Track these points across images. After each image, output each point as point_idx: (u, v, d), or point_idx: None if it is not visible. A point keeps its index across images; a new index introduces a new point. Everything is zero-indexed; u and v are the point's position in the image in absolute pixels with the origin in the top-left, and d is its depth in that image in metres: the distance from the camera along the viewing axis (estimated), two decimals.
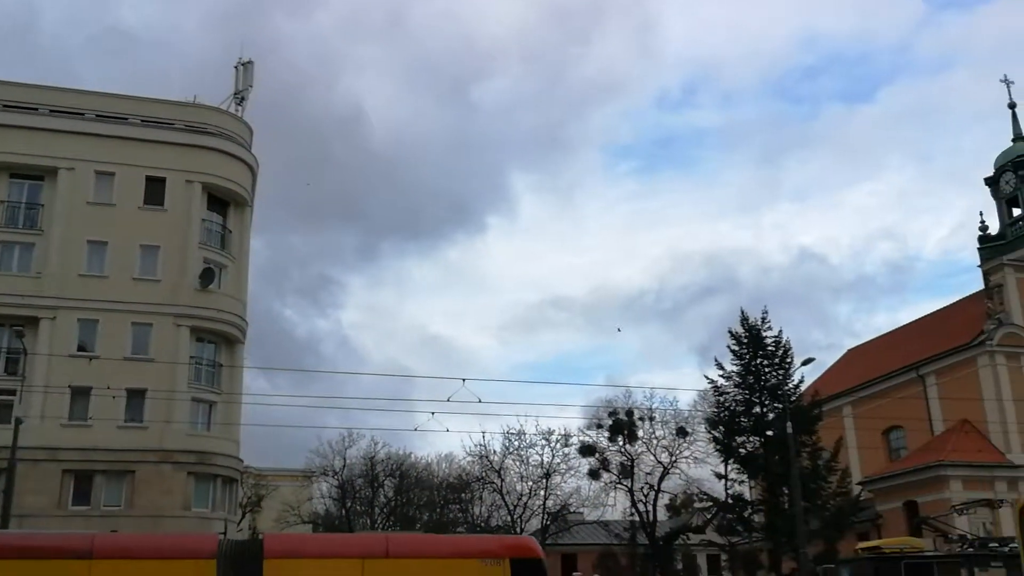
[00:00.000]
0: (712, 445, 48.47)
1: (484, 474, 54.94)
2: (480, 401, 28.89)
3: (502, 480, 53.87)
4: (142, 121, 43.58)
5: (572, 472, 53.31)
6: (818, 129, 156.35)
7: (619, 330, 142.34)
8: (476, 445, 54.01)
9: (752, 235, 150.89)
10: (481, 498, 57.48)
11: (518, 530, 50.93)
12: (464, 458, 56.78)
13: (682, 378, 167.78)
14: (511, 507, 53.56)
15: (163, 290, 41.19)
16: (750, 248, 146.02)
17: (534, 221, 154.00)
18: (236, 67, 46.96)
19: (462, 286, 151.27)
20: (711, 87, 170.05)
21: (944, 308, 59.84)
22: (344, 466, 55.82)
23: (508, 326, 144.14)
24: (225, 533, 32.90)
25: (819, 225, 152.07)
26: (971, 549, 23.66)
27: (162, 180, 42.67)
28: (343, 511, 56.26)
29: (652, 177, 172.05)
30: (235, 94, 46.38)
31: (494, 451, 54.23)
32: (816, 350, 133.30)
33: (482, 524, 54.98)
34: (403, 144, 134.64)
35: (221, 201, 44.66)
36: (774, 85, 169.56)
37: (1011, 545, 24.48)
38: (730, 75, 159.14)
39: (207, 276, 41.97)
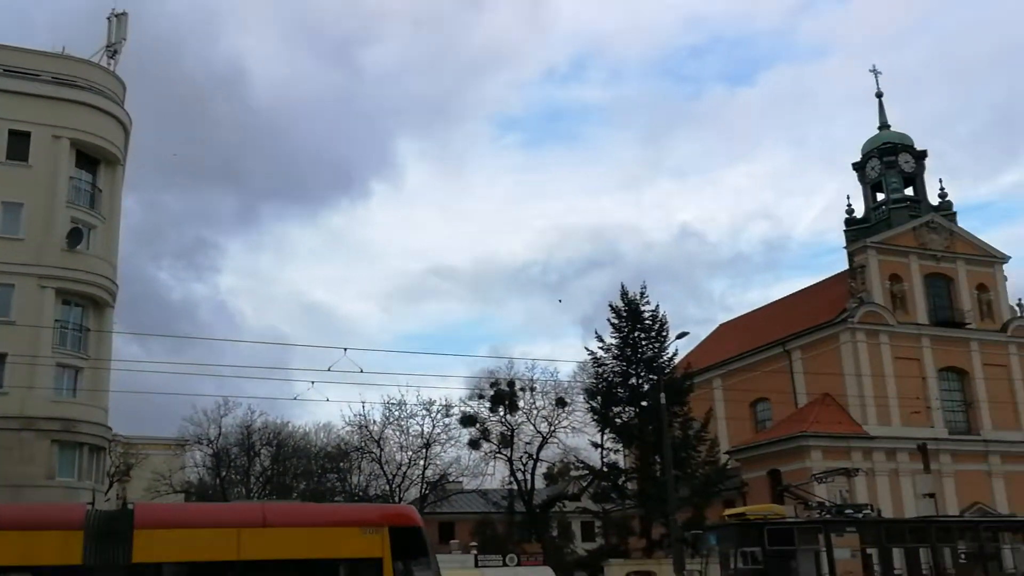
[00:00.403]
0: (590, 415, 49.69)
1: (363, 444, 54.70)
2: (361, 371, 28.71)
3: (381, 450, 53.79)
4: (4, 71, 40.97)
5: (452, 442, 53.70)
6: (701, 109, 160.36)
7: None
8: (356, 415, 53.72)
9: (635, 211, 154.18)
10: (360, 467, 57.23)
11: (396, 499, 50.99)
12: (343, 428, 56.42)
13: (565, 350, 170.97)
14: (390, 477, 53.55)
15: (27, 250, 39.08)
16: (633, 224, 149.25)
17: (419, 189, 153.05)
18: (109, 18, 44.62)
19: (345, 253, 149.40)
20: (599, 63, 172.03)
21: (811, 286, 62.75)
22: (219, 435, 54.63)
23: (391, 295, 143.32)
24: (93, 503, 31.73)
25: (699, 203, 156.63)
26: (828, 516, 24.99)
27: (27, 134, 40.34)
28: (217, 480, 55.07)
29: (539, 150, 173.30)
30: (107, 47, 44.13)
31: (374, 421, 54.08)
32: (692, 324, 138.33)
33: (360, 493, 54.78)
34: (286, 106, 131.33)
35: (91, 159, 42.58)
36: (660, 64, 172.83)
37: (865, 512, 26.09)
38: (618, 52, 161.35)
39: (75, 236, 40.07)
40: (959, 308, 54.01)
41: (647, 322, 48.36)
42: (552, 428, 51.60)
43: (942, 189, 58.41)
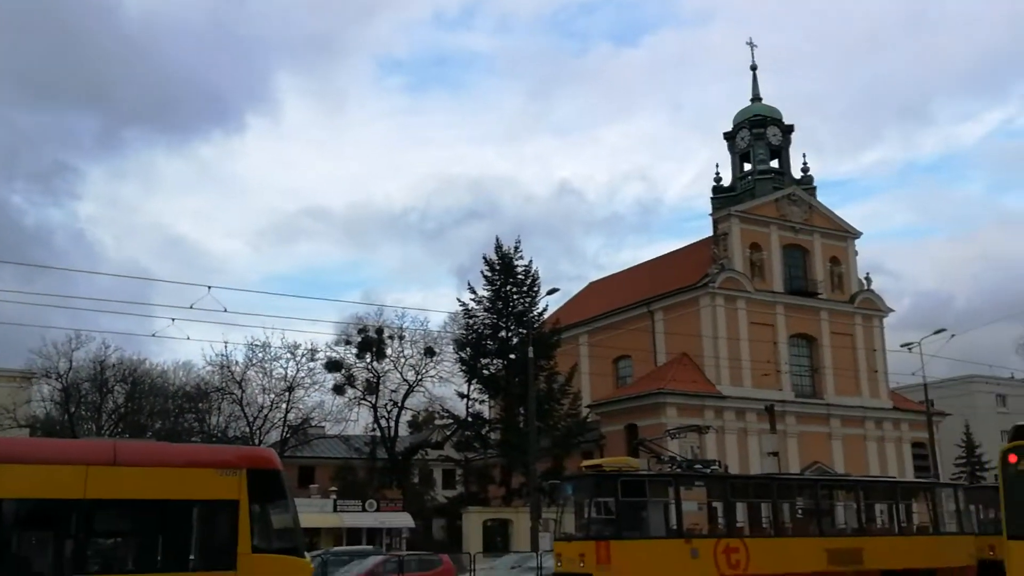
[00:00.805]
0: (458, 366, 50.06)
1: (224, 384, 53.42)
2: (226, 310, 27.87)
3: (243, 391, 52.66)
4: None
5: (316, 387, 53.03)
6: (586, 66, 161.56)
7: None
8: (218, 355, 52.42)
9: (516, 164, 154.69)
10: (219, 409, 55.89)
11: (256, 442, 50.16)
12: (204, 367, 54.94)
13: (439, 299, 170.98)
14: (250, 419, 52.55)
15: None
16: (513, 177, 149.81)
17: (297, 126, 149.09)
18: None
19: (214, 187, 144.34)
20: (488, 11, 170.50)
21: (677, 250, 64.67)
22: (70, 369, 52.20)
23: (262, 233, 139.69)
24: None
25: (579, 161, 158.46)
26: (679, 470, 25.96)
27: None
28: (66, 416, 52.79)
29: (422, 95, 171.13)
30: None
31: (236, 362, 52.85)
32: (565, 281, 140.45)
33: (219, 435, 53.63)
34: (159, 27, 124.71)
35: None
36: (550, 18, 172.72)
37: (713, 467, 27.26)
38: (508, 2, 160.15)
39: None
40: (812, 279, 56.74)
41: (519, 276, 48.90)
42: (419, 377, 51.79)
43: (805, 164, 61.02)
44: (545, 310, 50.31)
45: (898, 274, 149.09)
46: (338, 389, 51.66)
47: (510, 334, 48.53)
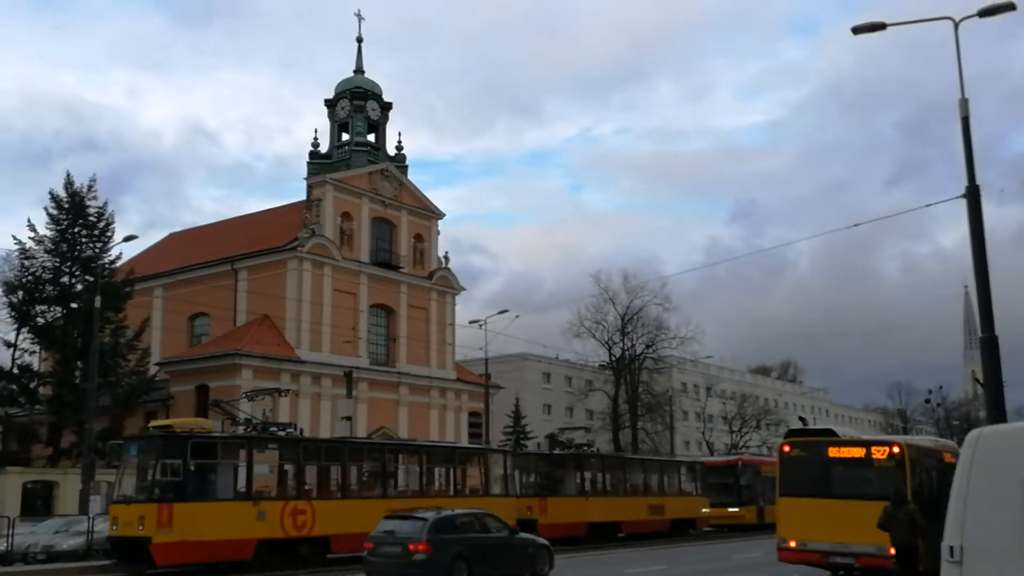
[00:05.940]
0: (7, 311, 44.71)
1: None
2: None
3: None
4: None
5: None
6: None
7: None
8: None
9: (124, 94, 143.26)
10: None
11: None
12: None
13: (18, 229, 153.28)
14: None
15: None
16: (122, 108, 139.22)
17: None
18: None
19: None
20: None
21: (271, 209, 63.70)
22: None
23: None
24: None
25: (202, 104, 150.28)
26: (254, 432, 25.80)
27: None
28: None
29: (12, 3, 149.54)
30: None
31: None
32: (170, 228, 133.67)
33: None
34: None
35: None
36: None
37: (288, 430, 27.46)
38: None
39: None
40: (396, 252, 58.98)
41: (91, 219, 44.96)
42: None
43: (399, 142, 63.13)
44: (119, 258, 46.84)
45: (495, 255, 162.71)
46: None
47: (74, 280, 44.41)
